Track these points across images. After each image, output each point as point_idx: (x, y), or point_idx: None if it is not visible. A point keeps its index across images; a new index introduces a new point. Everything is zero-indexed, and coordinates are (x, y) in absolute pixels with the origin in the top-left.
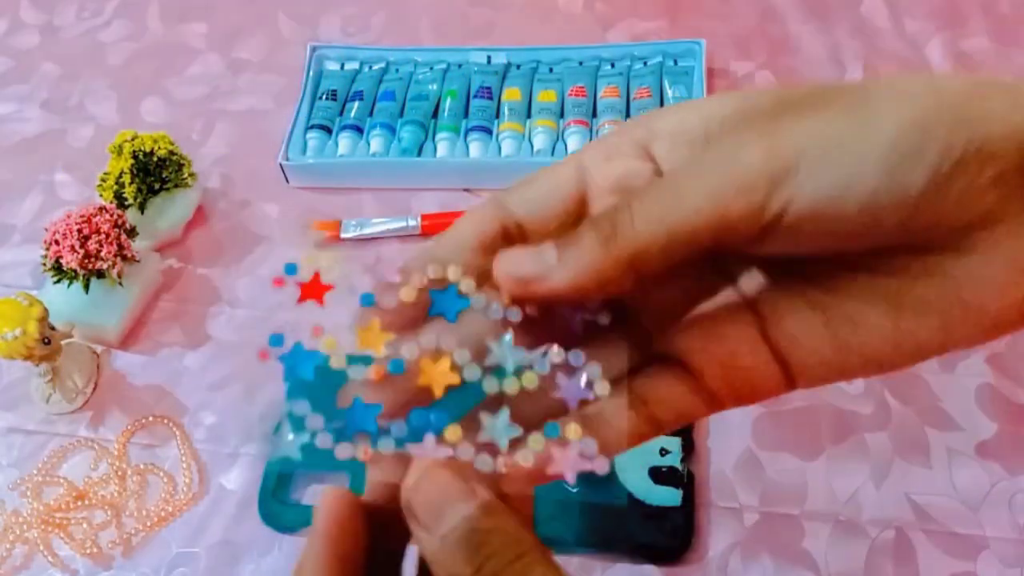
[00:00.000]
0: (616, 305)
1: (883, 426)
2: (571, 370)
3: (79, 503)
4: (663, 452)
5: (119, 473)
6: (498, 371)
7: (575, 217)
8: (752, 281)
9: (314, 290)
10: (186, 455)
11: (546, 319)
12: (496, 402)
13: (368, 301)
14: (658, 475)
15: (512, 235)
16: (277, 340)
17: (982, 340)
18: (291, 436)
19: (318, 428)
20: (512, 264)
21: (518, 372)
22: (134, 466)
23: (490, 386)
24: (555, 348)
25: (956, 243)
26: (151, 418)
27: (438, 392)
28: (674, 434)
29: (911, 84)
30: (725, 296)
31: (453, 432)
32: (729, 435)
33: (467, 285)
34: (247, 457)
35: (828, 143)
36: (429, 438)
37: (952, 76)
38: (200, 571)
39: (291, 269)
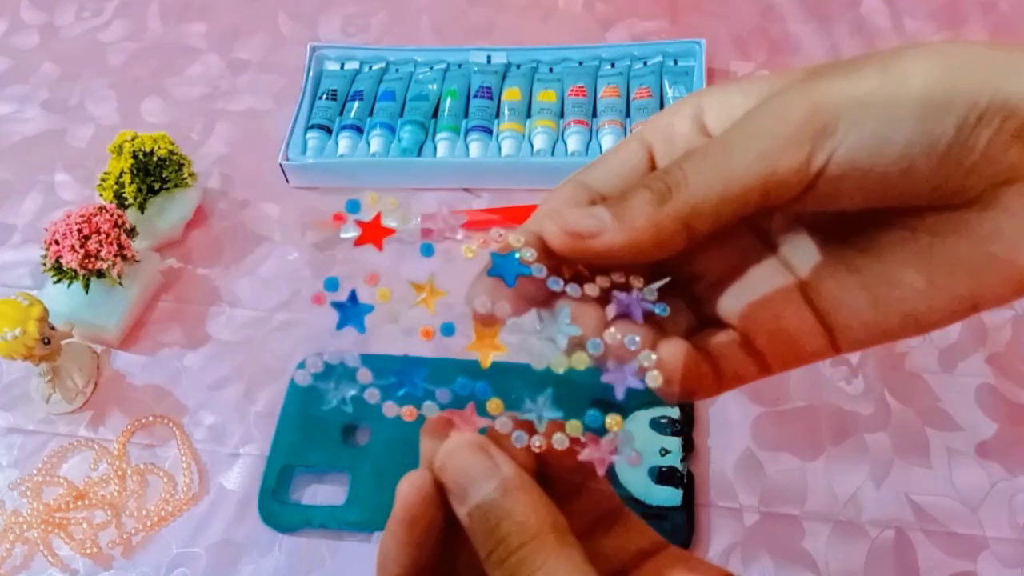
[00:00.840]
0: (669, 272)
1: (883, 426)
2: (625, 355)
3: (79, 503)
4: (663, 452)
5: (119, 473)
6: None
7: None
8: (793, 248)
9: (374, 233)
10: (186, 455)
11: (604, 301)
12: (544, 379)
13: (428, 251)
14: (658, 475)
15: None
16: (332, 284)
17: (1013, 296)
18: (338, 386)
19: (367, 382)
20: (565, 220)
21: (569, 350)
22: (134, 466)
23: (537, 363)
24: (611, 329)
25: (984, 200)
26: (151, 418)
27: (485, 362)
28: (674, 434)
29: (940, 45)
30: (769, 264)
31: (495, 404)
32: (729, 435)
33: (530, 253)
34: (247, 457)
35: (865, 98)
36: (470, 407)
37: (981, 40)
38: (200, 571)
39: (353, 206)
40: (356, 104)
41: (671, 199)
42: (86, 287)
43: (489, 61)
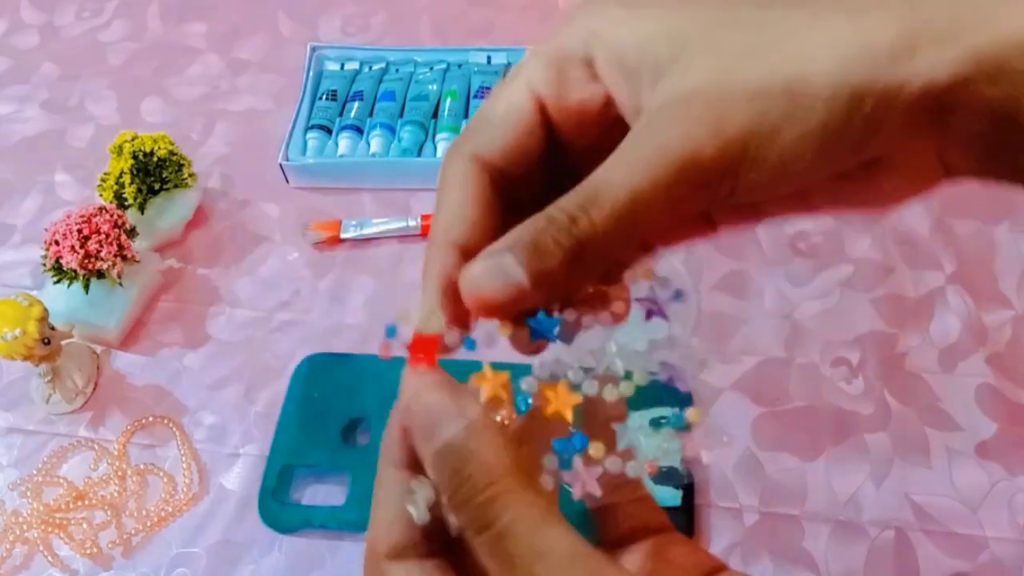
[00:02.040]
0: None
1: (883, 426)
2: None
3: (79, 503)
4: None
5: (119, 473)
6: (611, 377)
7: (540, 142)
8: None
9: (423, 348)
10: (186, 455)
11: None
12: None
13: (392, 332)
14: (658, 475)
15: (495, 180)
16: (392, 331)
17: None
18: None
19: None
20: (480, 296)
21: (628, 375)
22: (134, 466)
23: (610, 394)
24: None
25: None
26: (151, 418)
27: (568, 416)
28: None
29: (841, 26)
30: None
31: (596, 449)
32: (729, 435)
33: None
34: (247, 457)
35: (771, 129)
36: (577, 461)
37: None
38: (200, 571)
39: (391, 331)
40: (356, 104)
41: (575, 236)
42: (86, 287)
43: (489, 61)
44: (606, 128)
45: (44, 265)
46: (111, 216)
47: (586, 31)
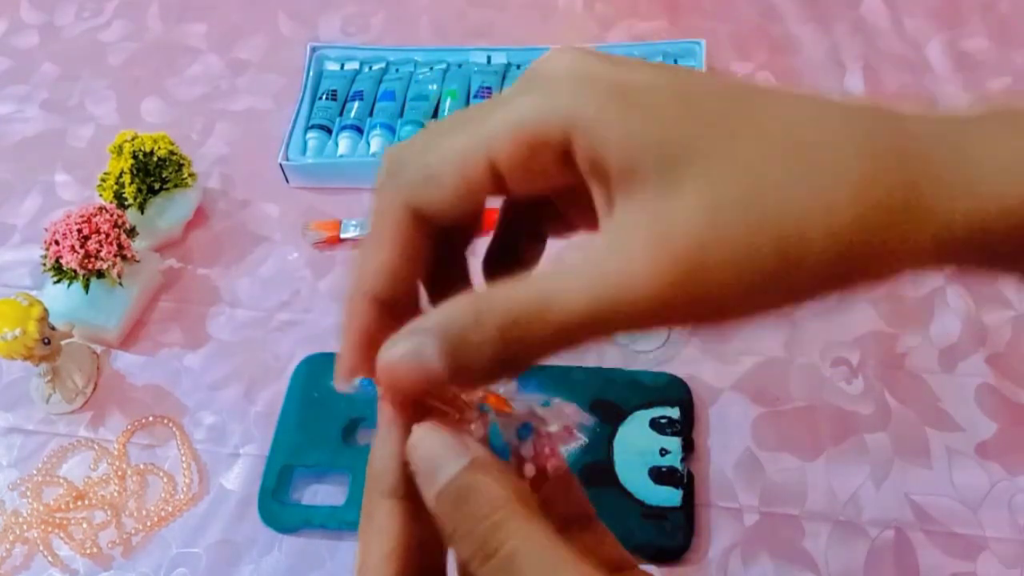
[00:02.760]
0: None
1: (883, 426)
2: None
3: (79, 503)
4: (663, 452)
5: (119, 473)
6: None
7: (484, 202)
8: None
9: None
10: (186, 455)
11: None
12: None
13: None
14: (658, 475)
15: (428, 232)
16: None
17: None
18: None
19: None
20: (391, 370)
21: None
22: (134, 466)
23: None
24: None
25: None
26: (151, 418)
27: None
28: (674, 434)
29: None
30: None
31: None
32: (729, 435)
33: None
34: (247, 457)
35: (755, 290)
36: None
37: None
38: (200, 571)
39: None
40: (356, 104)
41: (508, 342)
42: (86, 287)
43: (489, 61)
44: (567, 199)
45: (44, 265)
46: (111, 216)
47: (567, 110)
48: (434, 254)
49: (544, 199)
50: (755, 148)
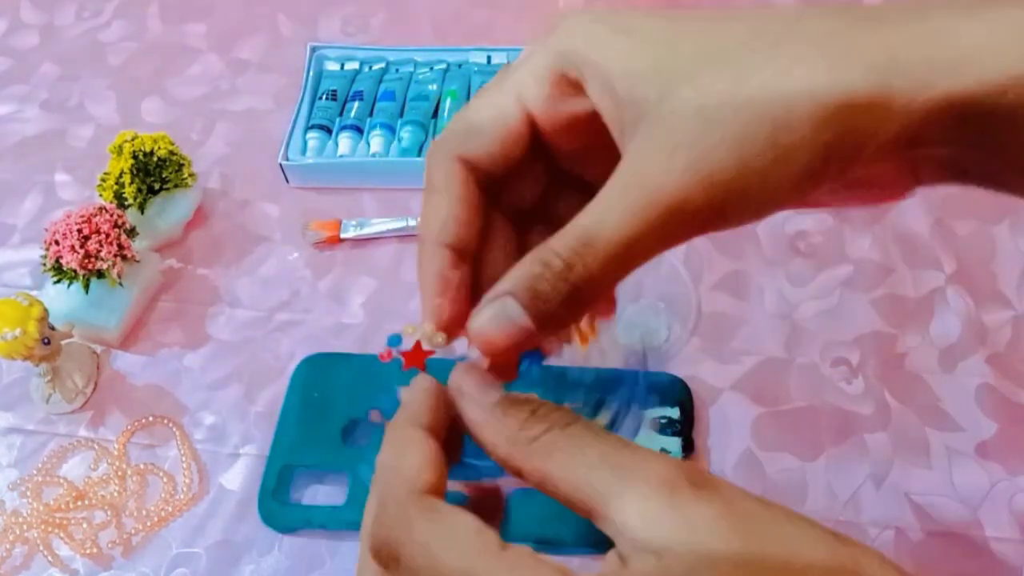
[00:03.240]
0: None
1: (883, 426)
2: None
3: (79, 503)
4: (663, 452)
5: (119, 473)
6: None
7: (526, 149)
8: None
9: (416, 357)
10: (186, 455)
11: None
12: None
13: (394, 342)
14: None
15: (480, 181)
16: (395, 340)
17: None
18: None
19: None
20: (486, 334)
21: None
22: (134, 466)
23: None
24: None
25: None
26: (151, 418)
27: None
28: (674, 434)
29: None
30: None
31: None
32: (729, 435)
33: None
34: (247, 457)
35: (756, 174)
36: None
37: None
38: (200, 571)
39: (394, 340)
40: (356, 104)
41: (572, 281)
42: (86, 287)
43: (489, 61)
44: (592, 134)
45: (44, 265)
46: (111, 216)
47: (576, 51)
48: (488, 202)
49: (577, 160)
50: (740, 54)
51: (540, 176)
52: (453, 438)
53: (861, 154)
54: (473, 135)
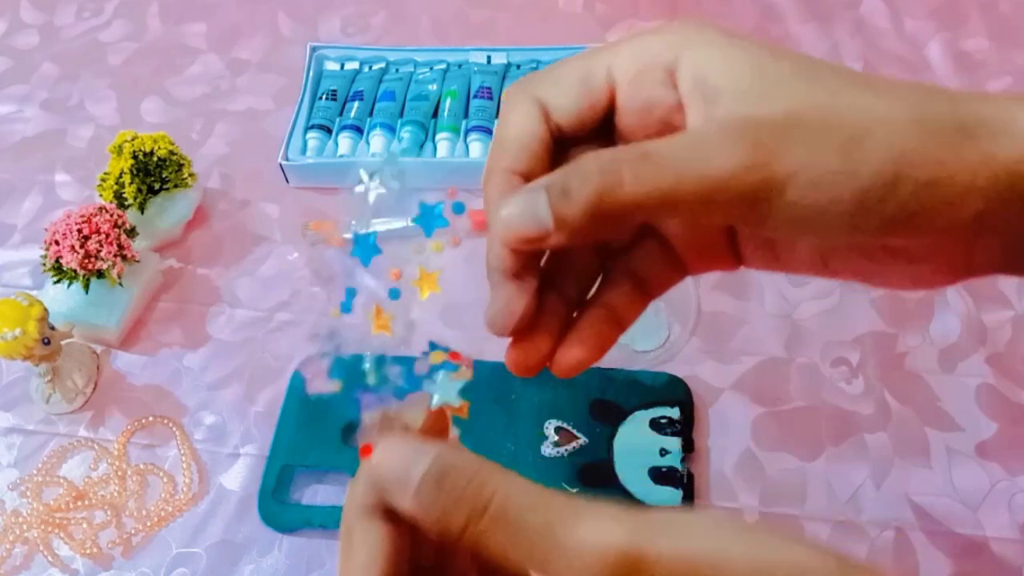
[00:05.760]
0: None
1: (883, 426)
2: None
3: (79, 503)
4: (663, 452)
5: (119, 473)
6: None
7: (598, 119)
8: None
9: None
10: (186, 455)
11: None
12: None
13: (460, 209)
14: (658, 475)
15: (551, 129)
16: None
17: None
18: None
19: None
20: (507, 222)
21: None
22: (134, 466)
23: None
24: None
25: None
26: (151, 418)
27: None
28: (674, 434)
29: (906, 128)
30: None
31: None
32: (729, 435)
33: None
34: (247, 457)
35: (814, 177)
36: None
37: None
38: (200, 571)
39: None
40: (356, 104)
41: (609, 197)
42: (86, 287)
43: (489, 61)
44: (659, 126)
45: (44, 265)
46: (111, 216)
47: (682, 40)
48: (553, 155)
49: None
50: (834, 79)
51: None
52: None
53: (919, 208)
54: (559, 85)
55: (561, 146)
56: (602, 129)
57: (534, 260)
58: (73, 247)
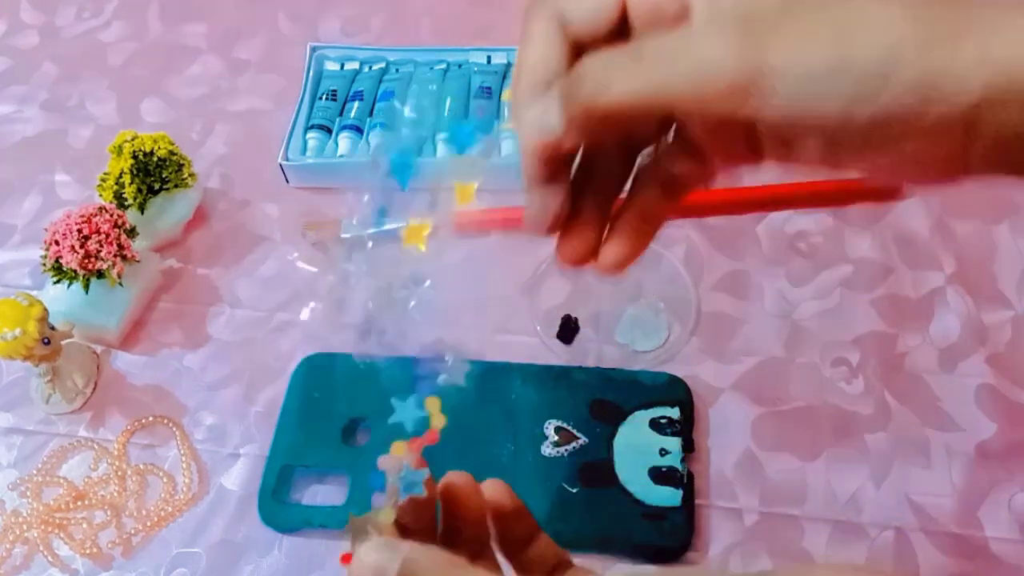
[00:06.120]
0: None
1: (883, 426)
2: None
3: (79, 503)
4: (663, 452)
5: (119, 473)
6: None
7: (613, 30)
8: None
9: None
10: (186, 455)
11: None
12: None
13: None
14: (658, 475)
15: (570, 43)
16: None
17: None
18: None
19: None
20: (527, 129)
21: None
22: (134, 466)
23: None
24: None
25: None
26: (151, 418)
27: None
28: (674, 434)
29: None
30: None
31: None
32: (729, 435)
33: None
34: (247, 457)
35: (809, 70)
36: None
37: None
38: (200, 571)
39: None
40: (356, 104)
41: (602, 97)
42: (86, 287)
43: (489, 61)
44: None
45: (44, 265)
46: (111, 216)
47: None
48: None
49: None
50: None
51: None
52: None
53: (910, 113)
54: (573, 2)
55: (580, 52)
56: (620, 32)
57: (564, 167)
58: (73, 247)
